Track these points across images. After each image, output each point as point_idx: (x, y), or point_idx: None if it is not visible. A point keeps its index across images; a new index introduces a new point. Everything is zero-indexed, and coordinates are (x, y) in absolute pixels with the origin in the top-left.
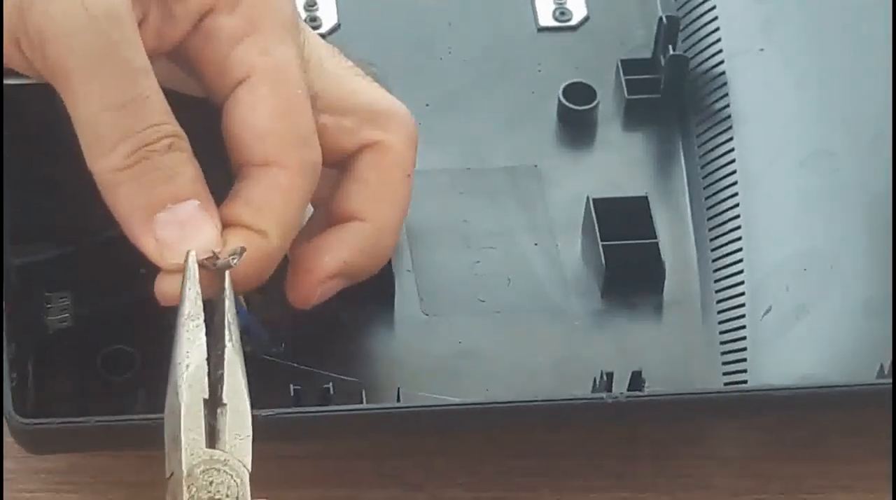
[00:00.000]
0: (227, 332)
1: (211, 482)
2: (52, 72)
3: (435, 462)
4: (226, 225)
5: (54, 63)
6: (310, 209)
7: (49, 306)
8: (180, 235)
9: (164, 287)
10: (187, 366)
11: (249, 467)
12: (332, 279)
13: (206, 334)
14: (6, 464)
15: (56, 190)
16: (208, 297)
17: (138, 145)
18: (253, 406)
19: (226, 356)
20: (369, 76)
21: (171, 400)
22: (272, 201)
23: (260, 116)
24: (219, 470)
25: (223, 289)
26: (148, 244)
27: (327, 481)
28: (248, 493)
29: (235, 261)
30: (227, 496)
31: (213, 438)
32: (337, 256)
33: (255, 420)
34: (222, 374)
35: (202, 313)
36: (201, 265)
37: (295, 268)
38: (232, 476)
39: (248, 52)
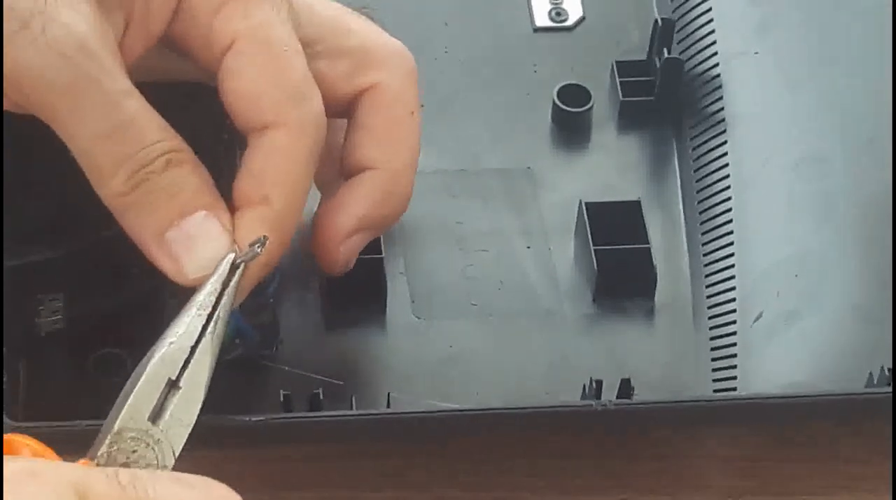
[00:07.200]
0: (212, 324)
1: (134, 451)
2: (39, 111)
3: (435, 462)
4: (235, 207)
5: (38, 102)
6: None
7: (41, 308)
8: (191, 248)
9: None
10: (170, 343)
11: (177, 455)
12: (352, 236)
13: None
14: None
15: (49, 192)
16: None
17: (135, 169)
18: (242, 411)
19: (200, 344)
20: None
21: (140, 368)
22: (270, 164)
23: (248, 80)
24: (147, 445)
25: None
26: (164, 264)
27: (328, 481)
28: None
29: (260, 249)
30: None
31: (157, 417)
32: (350, 211)
33: (245, 425)
34: (190, 359)
35: (210, 309)
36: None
37: (314, 232)
38: (157, 456)
39: (229, 18)
